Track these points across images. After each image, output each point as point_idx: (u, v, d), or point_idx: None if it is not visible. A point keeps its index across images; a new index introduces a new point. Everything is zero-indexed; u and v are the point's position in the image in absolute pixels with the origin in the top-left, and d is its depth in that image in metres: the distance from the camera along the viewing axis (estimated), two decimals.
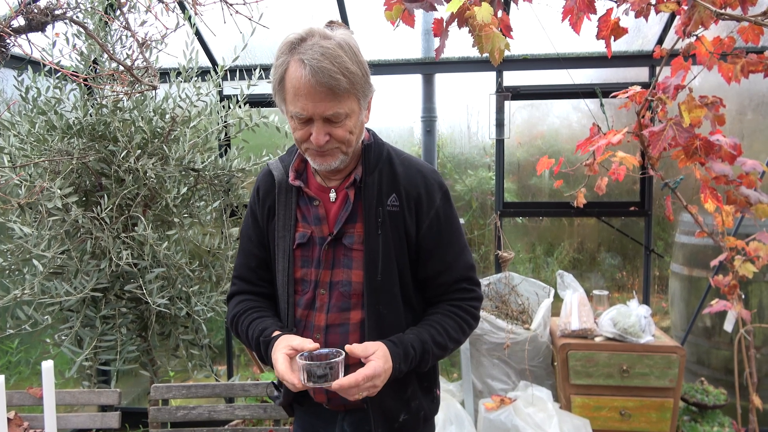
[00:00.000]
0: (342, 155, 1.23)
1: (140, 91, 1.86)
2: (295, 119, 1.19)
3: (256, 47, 3.16)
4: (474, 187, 3.52)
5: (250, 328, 1.32)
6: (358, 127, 1.24)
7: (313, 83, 1.11)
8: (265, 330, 1.28)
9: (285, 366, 1.14)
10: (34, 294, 2.11)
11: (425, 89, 3.23)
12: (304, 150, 1.25)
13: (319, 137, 1.17)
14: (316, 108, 1.14)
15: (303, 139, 1.21)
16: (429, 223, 1.31)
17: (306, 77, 1.12)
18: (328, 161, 1.23)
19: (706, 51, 2.14)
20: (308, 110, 1.15)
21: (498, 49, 1.71)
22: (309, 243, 1.32)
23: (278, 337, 1.23)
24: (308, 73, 1.11)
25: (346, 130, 1.19)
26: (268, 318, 1.34)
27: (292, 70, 1.15)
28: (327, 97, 1.13)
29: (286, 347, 1.17)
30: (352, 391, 1.12)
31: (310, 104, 1.14)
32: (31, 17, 1.71)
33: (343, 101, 1.16)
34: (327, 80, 1.11)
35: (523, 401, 2.67)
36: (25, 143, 2.18)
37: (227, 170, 2.55)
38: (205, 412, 1.92)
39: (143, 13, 2.37)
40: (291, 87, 1.16)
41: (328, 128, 1.18)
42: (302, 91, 1.14)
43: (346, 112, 1.17)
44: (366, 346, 1.18)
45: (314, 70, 1.11)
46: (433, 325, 1.30)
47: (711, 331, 3.10)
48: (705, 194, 2.31)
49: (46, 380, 1.30)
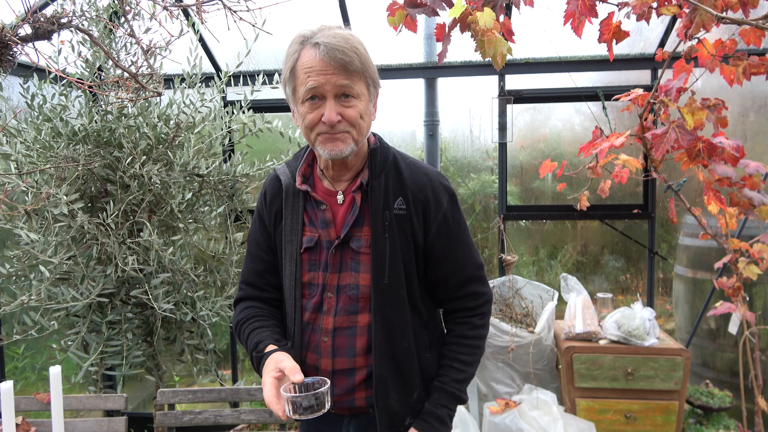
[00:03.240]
0: (352, 142, 1.24)
1: (145, 98, 1.87)
2: (306, 103, 1.21)
3: (259, 53, 3.18)
4: (477, 190, 3.52)
5: (249, 338, 1.32)
6: (367, 114, 1.26)
7: (327, 59, 1.16)
8: (259, 344, 1.28)
9: (271, 394, 1.13)
10: (41, 300, 2.13)
11: (428, 93, 3.24)
12: (315, 137, 1.25)
13: (331, 114, 1.19)
14: (329, 80, 1.17)
15: (314, 122, 1.22)
16: (438, 227, 1.32)
17: (319, 55, 1.16)
18: (339, 147, 1.23)
19: (707, 53, 2.14)
20: (320, 83, 1.17)
21: (500, 53, 1.71)
22: (316, 247, 1.33)
23: (270, 354, 1.22)
24: (321, 51, 1.16)
25: (357, 112, 1.21)
26: (266, 329, 1.33)
27: (305, 54, 1.20)
28: (339, 71, 1.17)
29: (274, 370, 1.16)
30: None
31: (322, 77, 1.17)
32: (37, 26, 1.73)
33: (354, 80, 1.19)
34: (340, 56, 1.15)
35: (528, 404, 2.67)
36: (31, 150, 2.20)
37: (231, 176, 2.57)
38: (211, 417, 1.93)
39: (147, 21, 2.39)
40: (303, 69, 1.19)
41: (339, 107, 1.20)
42: (315, 68, 1.17)
43: (357, 92, 1.21)
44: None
45: (327, 47, 1.15)
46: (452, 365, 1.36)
47: (715, 333, 3.10)
48: (708, 196, 2.31)
49: (54, 385, 1.31)
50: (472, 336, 1.38)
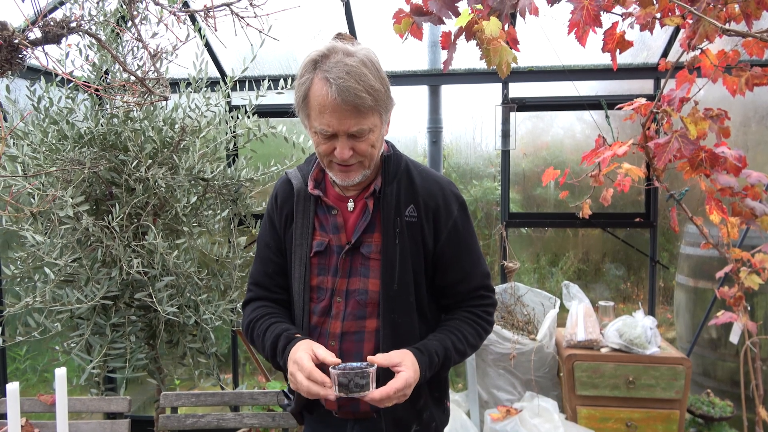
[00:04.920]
0: (364, 170, 1.27)
1: (152, 102, 1.88)
2: (319, 135, 1.22)
3: (264, 58, 3.20)
4: (479, 197, 3.53)
5: (269, 330, 1.33)
6: (379, 140, 1.27)
7: (339, 102, 1.14)
8: (287, 330, 1.30)
9: (312, 364, 1.14)
10: (46, 301, 2.13)
11: (431, 100, 3.26)
12: (327, 163, 1.27)
13: (344, 152, 1.20)
14: (341, 125, 1.17)
15: (327, 153, 1.24)
16: (447, 235, 1.33)
17: (332, 95, 1.14)
18: (351, 177, 1.26)
19: (710, 64, 2.16)
20: (333, 126, 1.17)
21: (505, 62, 1.73)
22: (326, 251, 1.34)
23: (300, 339, 1.24)
24: (334, 92, 1.13)
25: (369, 144, 1.22)
26: (286, 323, 1.36)
27: (317, 88, 1.17)
28: (352, 115, 1.16)
29: (309, 350, 1.18)
30: (384, 402, 1.15)
31: (335, 121, 1.17)
32: (47, 30, 1.74)
33: (367, 117, 1.18)
34: (353, 98, 1.13)
35: (529, 412, 2.67)
36: (37, 152, 2.21)
37: (236, 180, 2.58)
38: (213, 420, 1.93)
39: (155, 25, 2.41)
40: (316, 104, 1.18)
41: (351, 143, 1.21)
42: (328, 109, 1.16)
43: (370, 127, 1.20)
44: (390, 357, 1.20)
45: (340, 89, 1.13)
46: (453, 332, 1.33)
47: (717, 342, 3.10)
48: (710, 206, 2.32)
49: (59, 387, 1.31)
50: (476, 322, 1.37)
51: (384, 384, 1.15)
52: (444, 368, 1.31)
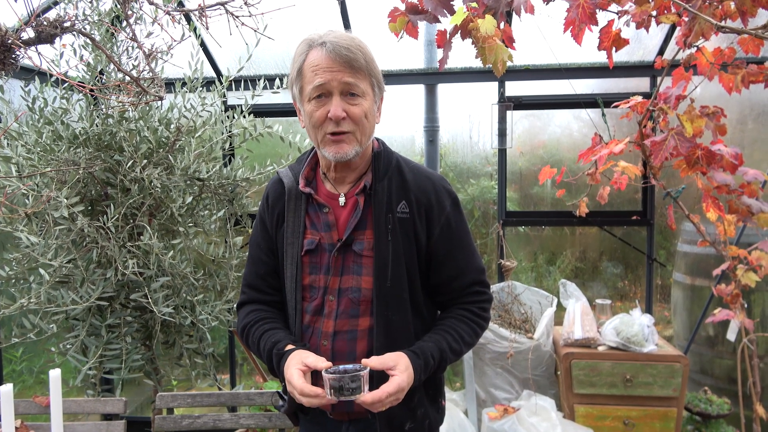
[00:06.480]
0: (357, 144, 1.27)
1: (147, 102, 1.87)
2: (312, 101, 1.24)
3: (260, 58, 3.19)
4: (476, 196, 3.53)
5: (262, 339, 1.33)
6: (371, 115, 1.28)
7: (333, 56, 1.20)
8: (277, 343, 1.29)
9: (302, 382, 1.15)
10: (41, 303, 2.12)
11: (428, 99, 3.25)
12: (321, 138, 1.27)
13: (337, 109, 1.22)
14: (335, 76, 1.21)
15: (321, 120, 1.24)
16: (440, 230, 1.33)
17: (326, 53, 1.21)
18: (345, 149, 1.26)
19: (706, 62, 2.16)
20: (327, 79, 1.21)
21: (501, 60, 1.73)
22: (317, 250, 1.33)
23: (291, 351, 1.24)
24: (328, 48, 1.21)
25: (362, 110, 1.24)
26: (280, 330, 1.35)
27: (312, 54, 1.24)
28: (345, 68, 1.21)
29: (299, 363, 1.18)
30: (376, 405, 1.14)
31: (329, 74, 1.21)
32: (40, 30, 1.73)
33: (359, 78, 1.23)
34: (346, 53, 1.20)
35: (527, 410, 2.67)
36: (32, 153, 2.20)
37: (231, 180, 2.57)
38: (210, 421, 1.93)
39: (149, 25, 2.39)
40: (310, 68, 1.23)
41: (345, 104, 1.23)
42: (322, 65, 1.21)
43: (362, 90, 1.24)
44: (384, 360, 1.20)
45: (334, 45, 1.20)
46: (448, 332, 1.32)
47: (714, 340, 3.10)
48: (707, 203, 2.32)
49: (53, 389, 1.31)
50: (471, 320, 1.37)
51: (378, 386, 1.15)
52: (440, 369, 1.31)
